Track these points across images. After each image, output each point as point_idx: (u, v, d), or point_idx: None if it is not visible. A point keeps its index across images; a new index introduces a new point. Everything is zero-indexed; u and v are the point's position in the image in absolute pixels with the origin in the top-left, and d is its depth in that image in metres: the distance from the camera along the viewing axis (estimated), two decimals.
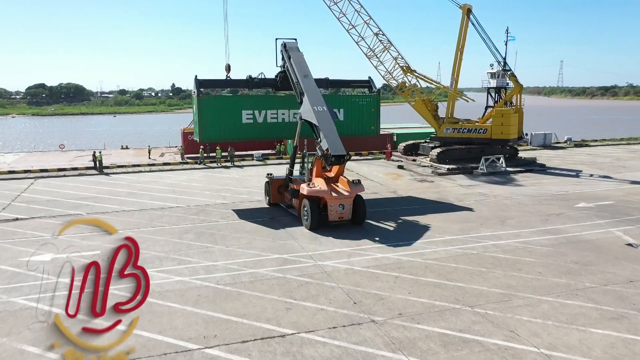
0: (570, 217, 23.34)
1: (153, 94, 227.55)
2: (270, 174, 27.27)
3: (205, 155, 40.73)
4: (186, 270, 16.78)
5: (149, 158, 44.14)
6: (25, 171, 36.37)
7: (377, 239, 20.18)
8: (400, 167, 38.28)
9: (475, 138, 38.76)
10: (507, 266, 16.98)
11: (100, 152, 38.21)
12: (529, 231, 21.17)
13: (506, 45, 41.48)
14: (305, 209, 22.61)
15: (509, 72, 39.03)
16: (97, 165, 37.15)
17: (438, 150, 38.05)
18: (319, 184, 22.48)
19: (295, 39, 27.60)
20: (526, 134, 45.65)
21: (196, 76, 26.77)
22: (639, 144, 52.85)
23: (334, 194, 22.15)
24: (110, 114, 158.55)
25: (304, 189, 22.62)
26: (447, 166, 36.16)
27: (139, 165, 38.78)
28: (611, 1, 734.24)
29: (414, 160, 40.40)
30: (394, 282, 15.69)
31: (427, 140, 42.06)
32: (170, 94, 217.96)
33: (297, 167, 25.96)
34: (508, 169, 35.85)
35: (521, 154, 40.91)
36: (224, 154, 40.51)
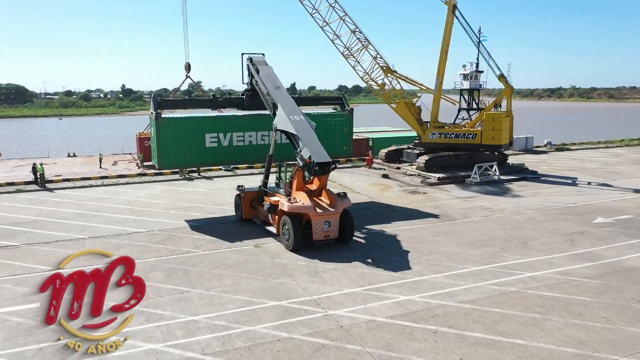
0: (596, 237, 20.58)
1: (102, 95, 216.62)
2: (242, 186, 23.89)
3: None
4: (158, 332, 12.67)
5: (100, 168, 39.10)
6: None
7: (391, 272, 16.65)
8: (385, 176, 34.98)
9: (463, 144, 35.96)
10: (562, 310, 13.80)
11: (41, 164, 32.85)
12: (561, 257, 18.19)
13: (478, 46, 39.06)
14: (286, 227, 19.43)
15: (498, 74, 36.33)
16: (38, 179, 31.91)
17: (425, 157, 34.99)
18: (301, 199, 19.30)
19: (263, 54, 25.42)
20: None
21: (154, 96, 24.43)
22: (617, 147, 51.90)
23: (318, 210, 19.07)
24: (56, 116, 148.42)
25: (284, 204, 19.41)
26: (438, 175, 33.14)
27: (89, 178, 33.65)
28: (554, 5, 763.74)
29: (398, 168, 37.22)
30: (435, 340, 12.16)
31: (411, 146, 38.97)
32: (121, 95, 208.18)
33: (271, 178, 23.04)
34: (502, 177, 33.18)
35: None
36: None
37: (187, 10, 37.75)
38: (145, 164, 39.25)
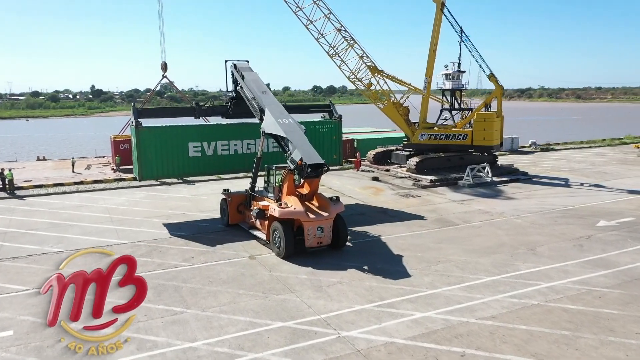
0: (604, 242, 19.84)
1: (70, 95, 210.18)
2: (227, 190, 22.85)
3: None
4: None
5: (73, 172, 36.99)
6: None
7: (401, 285, 15.47)
8: (375, 178, 33.90)
9: (454, 145, 35.17)
10: (592, 325, 12.83)
11: (10, 170, 30.63)
12: (573, 264, 17.33)
13: (460, 45, 38.45)
14: (277, 233, 18.34)
15: (488, 74, 35.61)
16: (7, 185, 29.69)
17: (416, 159, 34.03)
18: (293, 204, 18.23)
19: (247, 61, 25.21)
20: None
21: (134, 104, 23.70)
22: (600, 147, 52.05)
23: (311, 215, 18.05)
24: (22, 117, 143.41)
25: (274, 209, 18.28)
26: (430, 177, 32.20)
27: (62, 184, 31.58)
28: (521, 9, 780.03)
29: (388, 170, 36.18)
30: None
31: (399, 148, 38.02)
32: (90, 96, 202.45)
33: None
34: (494, 179, 32.45)
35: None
36: None
37: (162, 8, 36.17)
38: (121, 167, 37.43)
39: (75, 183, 32.02)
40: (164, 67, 41.61)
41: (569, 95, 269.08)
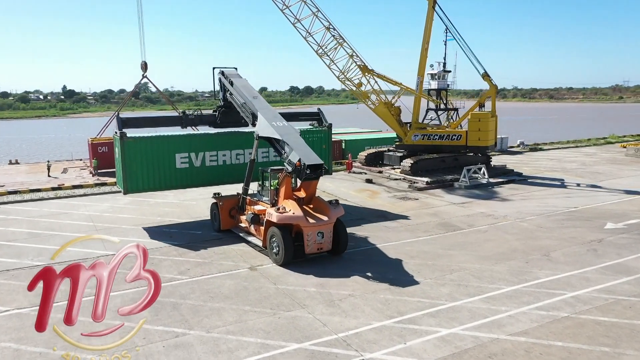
0: (617, 245, 19.17)
1: (41, 96, 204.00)
2: (218, 194, 21.71)
3: None
4: None
5: (49, 176, 35.01)
6: None
7: (419, 297, 14.43)
8: (369, 180, 32.86)
9: (447, 145, 34.42)
10: (630, 339, 11.98)
11: None
12: (593, 271, 16.56)
13: (445, 45, 37.96)
14: (275, 239, 17.38)
15: (482, 73, 34.96)
16: None
17: (411, 161, 33.11)
18: (291, 208, 17.21)
19: (236, 68, 24.39)
20: None
21: (118, 114, 22.74)
22: (585, 146, 52.12)
23: (311, 220, 17.08)
24: None
25: (272, 214, 17.23)
26: (425, 179, 31.31)
27: (39, 190, 29.64)
28: (493, 11, 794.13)
29: (380, 172, 35.19)
30: None
31: (392, 149, 37.11)
32: (62, 97, 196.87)
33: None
34: (490, 180, 31.76)
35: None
36: None
37: (142, 8, 34.51)
38: (100, 171, 35.67)
39: (53, 188, 30.10)
40: (144, 66, 39.84)
41: (542, 96, 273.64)
